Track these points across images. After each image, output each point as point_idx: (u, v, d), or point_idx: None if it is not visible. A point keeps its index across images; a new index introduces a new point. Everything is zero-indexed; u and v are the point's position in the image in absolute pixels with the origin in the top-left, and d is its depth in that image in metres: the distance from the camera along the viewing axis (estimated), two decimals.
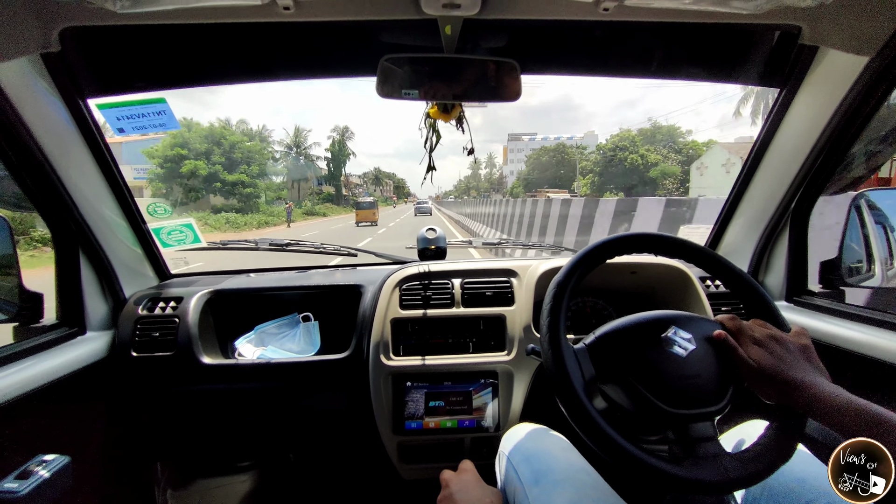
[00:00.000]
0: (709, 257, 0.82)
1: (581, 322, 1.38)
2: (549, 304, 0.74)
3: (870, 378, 0.95)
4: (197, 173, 25.95)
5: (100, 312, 1.22)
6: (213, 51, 1.08)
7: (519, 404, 1.18)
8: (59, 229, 1.11)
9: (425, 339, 1.25)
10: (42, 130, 0.96)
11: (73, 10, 0.86)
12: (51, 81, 0.97)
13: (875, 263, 1.33)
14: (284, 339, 1.35)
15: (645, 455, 0.62)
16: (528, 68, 1.06)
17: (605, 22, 0.96)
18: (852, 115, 1.00)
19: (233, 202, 27.76)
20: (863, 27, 0.89)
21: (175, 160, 25.73)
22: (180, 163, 25.72)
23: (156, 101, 1.09)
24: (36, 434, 0.95)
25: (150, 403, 1.24)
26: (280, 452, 1.55)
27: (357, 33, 1.05)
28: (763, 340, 0.68)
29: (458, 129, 1.17)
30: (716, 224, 1.46)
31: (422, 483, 1.21)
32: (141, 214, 1.31)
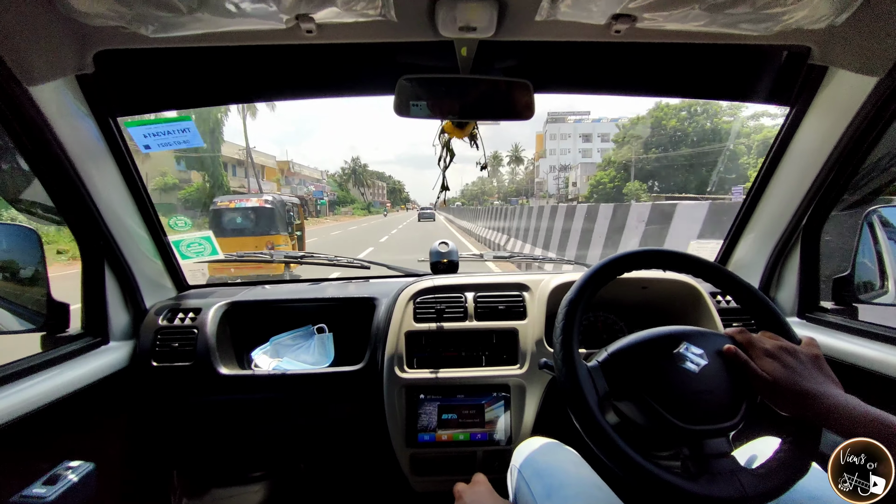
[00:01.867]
0: (718, 272, 0.82)
1: (593, 336, 1.38)
2: (562, 321, 0.75)
3: (883, 395, 0.95)
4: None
5: (122, 322, 1.25)
6: (237, 72, 1.12)
7: (531, 418, 1.18)
8: (87, 241, 1.15)
9: (438, 352, 1.26)
10: (74, 147, 1.01)
11: (109, 34, 0.91)
12: (84, 101, 1.02)
13: (889, 280, 1.32)
14: (299, 350, 1.37)
15: (661, 471, 0.62)
16: (541, 87, 1.09)
17: (616, 43, 0.99)
18: (863, 134, 1.01)
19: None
20: (872, 48, 0.90)
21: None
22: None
23: (182, 119, 1.14)
24: (62, 441, 0.97)
25: (169, 412, 1.27)
26: (292, 463, 1.56)
27: (376, 55, 1.09)
28: (774, 352, 0.68)
29: (472, 146, 1.20)
30: (726, 239, 1.46)
31: (434, 496, 1.21)
32: (162, 227, 1.35)
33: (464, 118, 1.09)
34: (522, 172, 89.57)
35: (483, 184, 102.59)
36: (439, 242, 1.49)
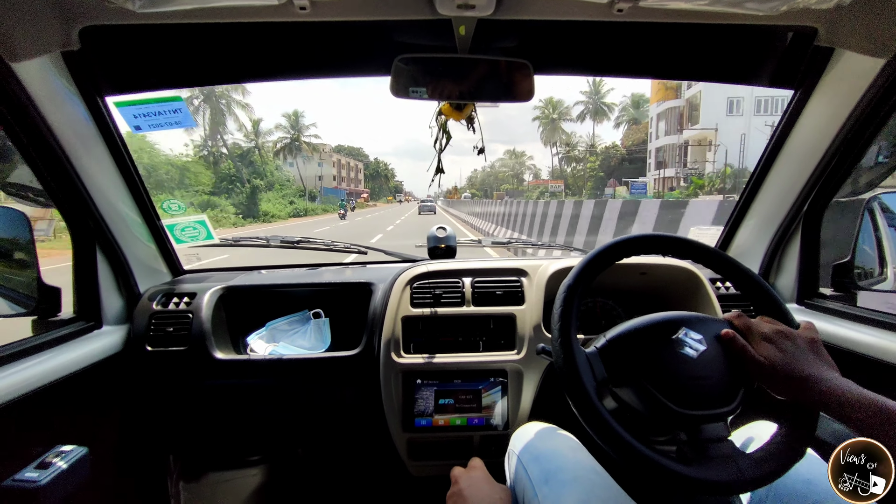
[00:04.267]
0: (718, 258, 0.81)
1: (591, 322, 1.38)
2: (560, 307, 0.74)
3: (881, 381, 0.95)
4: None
5: (115, 307, 1.24)
6: (229, 50, 1.09)
7: (528, 403, 1.18)
8: (78, 225, 1.13)
9: (435, 337, 1.26)
10: (62, 127, 0.98)
11: (94, 8, 0.88)
12: (70, 79, 0.99)
13: (888, 266, 1.32)
14: (295, 335, 1.36)
15: (658, 456, 0.62)
16: (540, 68, 1.07)
17: (618, 22, 0.96)
18: (867, 118, 1.00)
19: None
20: (880, 29, 0.88)
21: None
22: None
23: (172, 100, 1.11)
24: (54, 425, 0.97)
25: (164, 397, 1.26)
26: (289, 447, 1.56)
27: (372, 33, 1.06)
28: (772, 336, 0.68)
29: (468, 128, 1.18)
30: (727, 225, 1.45)
31: (430, 480, 1.22)
32: (156, 211, 1.33)
33: (462, 99, 1.07)
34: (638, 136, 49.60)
35: (497, 170, 75.56)
36: (437, 227, 1.48)
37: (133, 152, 1.18)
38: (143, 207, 1.27)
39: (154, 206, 1.31)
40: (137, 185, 1.22)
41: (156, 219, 1.33)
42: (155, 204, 1.32)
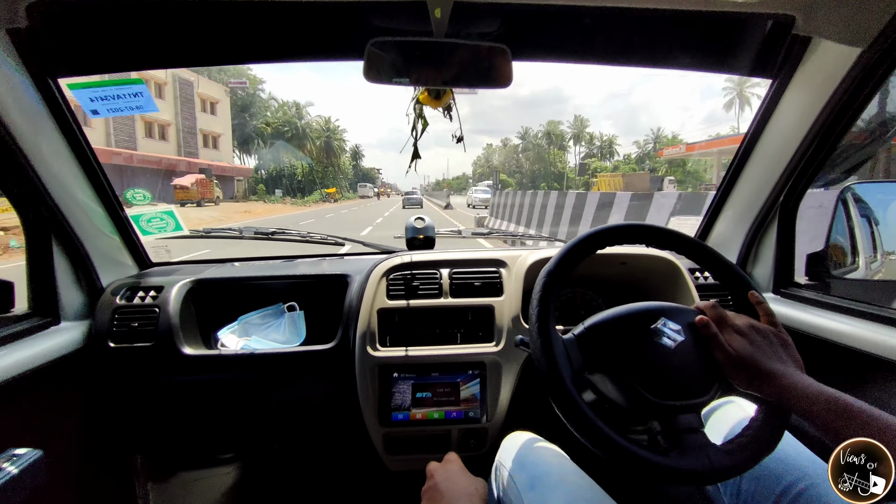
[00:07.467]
0: (697, 248, 0.82)
1: (570, 313, 1.37)
2: (539, 293, 0.73)
3: (851, 368, 0.96)
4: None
5: (75, 302, 1.17)
6: (190, 30, 1.03)
7: (507, 396, 1.17)
8: (30, 215, 1.07)
9: (412, 329, 1.23)
10: (9, 110, 0.92)
11: None
12: (18, 59, 0.92)
13: (859, 256, 1.34)
14: (269, 329, 1.32)
15: (632, 446, 0.62)
16: (519, 54, 1.04)
17: (597, 8, 0.94)
18: (843, 108, 1.00)
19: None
20: (857, 17, 0.88)
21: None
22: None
23: (133, 82, 1.05)
24: (5, 428, 0.91)
25: (129, 395, 1.21)
26: (264, 444, 1.52)
27: (343, 15, 1.02)
28: (744, 329, 0.69)
29: (445, 116, 1.14)
30: (705, 216, 1.46)
31: (408, 475, 1.20)
32: (119, 201, 1.26)
33: (438, 84, 1.04)
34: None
35: (516, 148, 58.16)
36: (415, 218, 1.44)
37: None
38: (104, 197, 1.21)
39: (117, 196, 1.25)
40: (97, 172, 1.16)
41: (119, 209, 1.26)
42: (118, 194, 1.26)
